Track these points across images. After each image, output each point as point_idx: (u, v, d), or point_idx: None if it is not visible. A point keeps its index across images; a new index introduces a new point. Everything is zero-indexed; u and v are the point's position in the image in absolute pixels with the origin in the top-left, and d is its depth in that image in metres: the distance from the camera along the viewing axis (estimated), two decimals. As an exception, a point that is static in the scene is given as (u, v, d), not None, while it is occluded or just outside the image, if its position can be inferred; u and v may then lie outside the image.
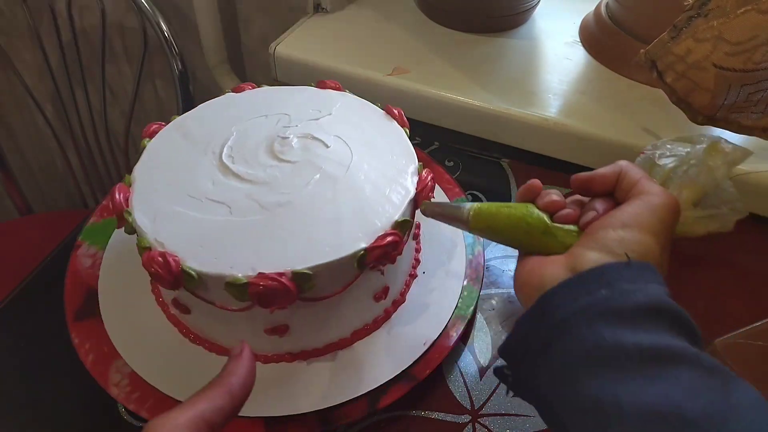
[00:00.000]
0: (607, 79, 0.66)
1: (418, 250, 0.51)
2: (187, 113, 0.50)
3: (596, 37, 0.69)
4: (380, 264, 0.40)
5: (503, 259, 0.54)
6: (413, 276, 0.50)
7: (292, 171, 0.43)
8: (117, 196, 0.41)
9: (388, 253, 0.39)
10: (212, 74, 0.92)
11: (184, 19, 0.94)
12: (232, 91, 0.52)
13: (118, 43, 1.03)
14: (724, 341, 0.45)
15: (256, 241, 0.39)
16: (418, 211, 0.43)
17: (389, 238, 0.39)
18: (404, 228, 0.41)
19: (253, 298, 0.37)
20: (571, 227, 0.35)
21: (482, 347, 0.48)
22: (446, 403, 0.44)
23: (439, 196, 0.56)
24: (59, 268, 0.51)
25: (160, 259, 0.37)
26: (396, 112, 0.49)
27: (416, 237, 0.51)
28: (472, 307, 0.48)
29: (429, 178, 0.44)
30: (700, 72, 0.50)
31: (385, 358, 0.44)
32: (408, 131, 0.48)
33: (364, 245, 0.38)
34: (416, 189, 0.43)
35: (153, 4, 0.83)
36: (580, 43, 0.72)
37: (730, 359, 0.44)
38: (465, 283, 0.49)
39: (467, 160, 0.64)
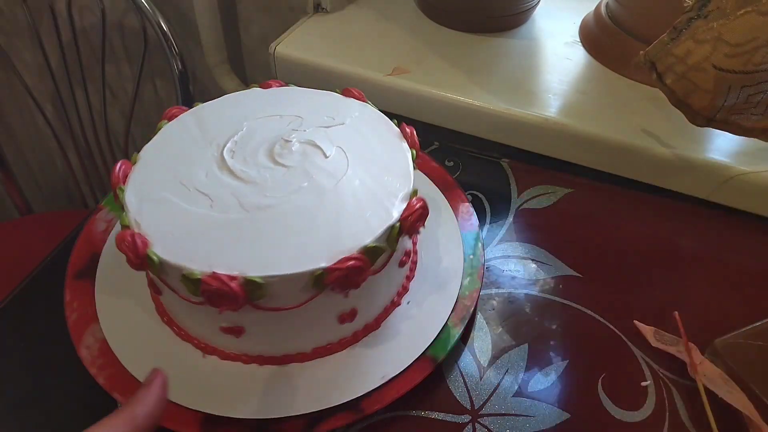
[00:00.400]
0: (607, 79, 0.66)
1: (409, 278, 0.50)
2: (210, 102, 0.50)
3: (596, 37, 0.69)
4: (340, 287, 0.39)
5: (503, 259, 0.54)
6: (396, 304, 0.48)
7: (283, 176, 0.43)
8: (117, 170, 0.43)
9: (349, 277, 0.38)
10: (212, 74, 0.92)
11: (184, 19, 0.94)
12: (259, 87, 0.52)
13: (118, 43, 1.03)
14: (724, 341, 0.45)
15: (223, 239, 0.39)
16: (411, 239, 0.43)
17: (351, 263, 0.38)
18: (374, 254, 0.39)
19: (204, 296, 0.37)
20: None
21: (482, 347, 0.48)
22: (446, 403, 0.44)
23: (435, 214, 0.55)
24: (59, 268, 0.51)
25: (129, 239, 0.38)
26: (408, 131, 0.48)
27: (404, 264, 0.48)
28: (447, 350, 0.45)
29: (418, 205, 0.42)
30: (699, 73, 0.50)
31: (339, 382, 0.43)
32: (415, 153, 0.47)
33: (324, 265, 0.37)
34: (401, 216, 0.41)
35: (153, 3, 0.83)
36: (580, 43, 0.72)
37: (730, 359, 0.44)
38: (446, 322, 0.47)
39: (467, 160, 0.64)
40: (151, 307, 0.47)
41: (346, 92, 0.52)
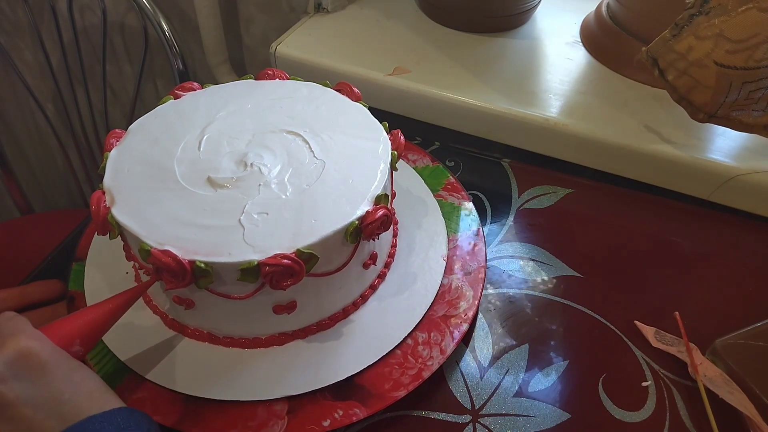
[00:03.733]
0: (607, 78, 0.66)
1: (381, 278, 0.49)
2: (214, 86, 0.52)
3: (597, 37, 0.69)
4: (274, 284, 0.39)
5: (503, 259, 0.54)
6: (357, 305, 0.47)
7: (258, 166, 0.44)
8: (110, 139, 0.45)
9: (282, 276, 0.38)
10: (213, 74, 0.92)
11: (185, 19, 0.94)
12: (255, 78, 0.52)
13: (119, 43, 1.04)
14: (724, 341, 0.45)
15: (184, 216, 0.40)
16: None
17: (284, 261, 0.37)
18: (309, 258, 0.39)
19: (152, 268, 0.39)
20: None
21: (483, 347, 0.48)
22: (447, 403, 0.44)
23: (421, 215, 0.54)
24: (59, 267, 0.51)
25: (96, 200, 0.40)
26: (394, 133, 0.48)
27: (369, 266, 0.46)
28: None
29: (380, 213, 0.41)
30: (701, 70, 0.50)
31: (279, 376, 0.43)
32: (396, 155, 0.46)
33: (256, 258, 0.37)
34: (362, 221, 0.40)
35: (154, 3, 0.83)
36: (580, 43, 0.71)
37: (731, 359, 0.44)
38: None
39: (468, 160, 0.64)
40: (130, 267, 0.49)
41: (340, 86, 0.51)
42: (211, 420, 0.41)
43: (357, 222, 0.40)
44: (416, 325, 0.46)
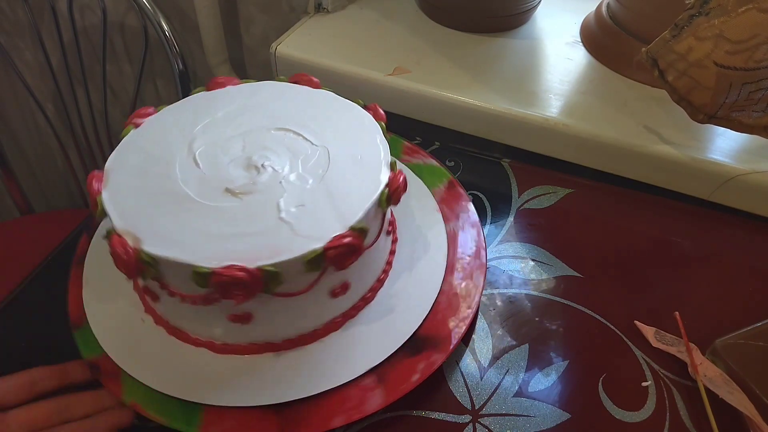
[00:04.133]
0: (608, 79, 0.66)
1: (394, 242, 0.51)
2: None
3: (597, 37, 0.69)
4: (338, 265, 0.40)
5: (504, 259, 0.54)
6: (387, 272, 0.48)
7: (266, 165, 0.43)
8: (92, 182, 0.44)
9: (346, 255, 0.39)
10: (213, 74, 0.92)
11: (185, 19, 0.95)
12: (205, 88, 0.51)
13: (119, 43, 1.04)
14: (724, 341, 0.45)
15: (218, 230, 0.39)
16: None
17: (346, 240, 0.38)
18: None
19: (215, 288, 0.38)
20: None
21: (483, 347, 0.48)
22: (447, 403, 0.44)
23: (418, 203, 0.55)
24: (60, 267, 0.51)
25: (120, 244, 0.39)
26: (373, 107, 0.49)
27: (389, 233, 0.48)
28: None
29: (401, 178, 0.43)
30: (701, 70, 0.50)
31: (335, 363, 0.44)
32: (384, 125, 0.47)
33: (319, 246, 0.38)
34: (387, 187, 0.42)
35: (154, 3, 0.83)
36: (581, 43, 0.72)
37: (731, 359, 0.44)
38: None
39: (468, 160, 0.64)
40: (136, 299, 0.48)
41: (296, 78, 0.51)
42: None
43: (386, 189, 0.42)
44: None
